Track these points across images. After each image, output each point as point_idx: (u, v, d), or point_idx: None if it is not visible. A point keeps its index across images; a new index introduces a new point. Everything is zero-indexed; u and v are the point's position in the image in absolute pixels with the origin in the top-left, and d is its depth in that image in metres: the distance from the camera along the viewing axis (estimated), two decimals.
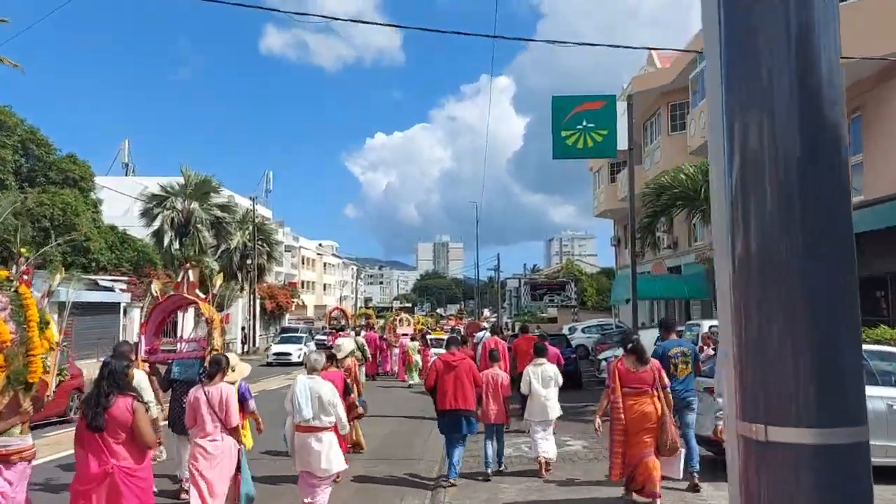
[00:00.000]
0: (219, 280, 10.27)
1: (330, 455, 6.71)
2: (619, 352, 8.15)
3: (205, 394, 6.29)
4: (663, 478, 7.23)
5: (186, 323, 19.21)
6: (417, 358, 22.90)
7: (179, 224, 39.33)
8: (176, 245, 39.66)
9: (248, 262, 41.31)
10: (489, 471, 8.69)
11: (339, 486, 8.17)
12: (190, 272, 9.71)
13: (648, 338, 17.49)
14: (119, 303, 27.26)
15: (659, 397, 7.13)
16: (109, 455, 4.66)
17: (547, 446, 8.78)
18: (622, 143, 12.94)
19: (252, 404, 7.36)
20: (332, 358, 8.81)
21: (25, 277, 5.14)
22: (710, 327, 13.04)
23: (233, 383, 6.83)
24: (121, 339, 28.39)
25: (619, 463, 7.14)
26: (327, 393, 6.73)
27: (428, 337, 25.58)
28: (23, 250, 5.50)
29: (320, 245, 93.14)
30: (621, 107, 13.06)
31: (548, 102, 12.82)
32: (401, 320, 28.99)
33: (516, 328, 38.27)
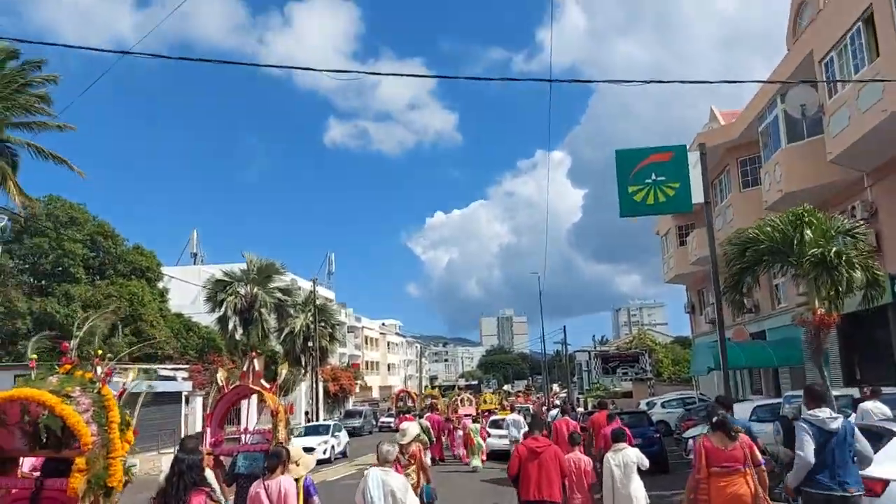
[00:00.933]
0: (284, 369, 10.09)
1: None
2: (706, 428, 7.33)
3: (265, 488, 6.16)
4: None
5: (251, 412, 18.70)
6: (479, 440, 22.13)
7: (242, 309, 39.41)
8: (240, 330, 39.63)
9: (311, 344, 40.78)
10: None
11: None
12: (255, 361, 9.55)
13: (744, 410, 15.76)
14: (181, 392, 26.86)
15: (752, 476, 6.59)
16: None
17: None
18: (696, 197, 11.82)
19: (317, 501, 7.07)
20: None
21: (107, 378, 5.12)
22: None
23: (298, 479, 6.68)
24: (183, 428, 28.11)
25: None
26: (401, 488, 6.41)
27: (491, 417, 24.34)
28: (99, 350, 5.47)
29: (383, 325, 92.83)
30: (692, 158, 12.00)
31: (603, 174, 11.92)
32: (462, 400, 27.74)
33: (588, 404, 36.30)
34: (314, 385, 40.45)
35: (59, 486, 4.65)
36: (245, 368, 9.69)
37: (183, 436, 7.75)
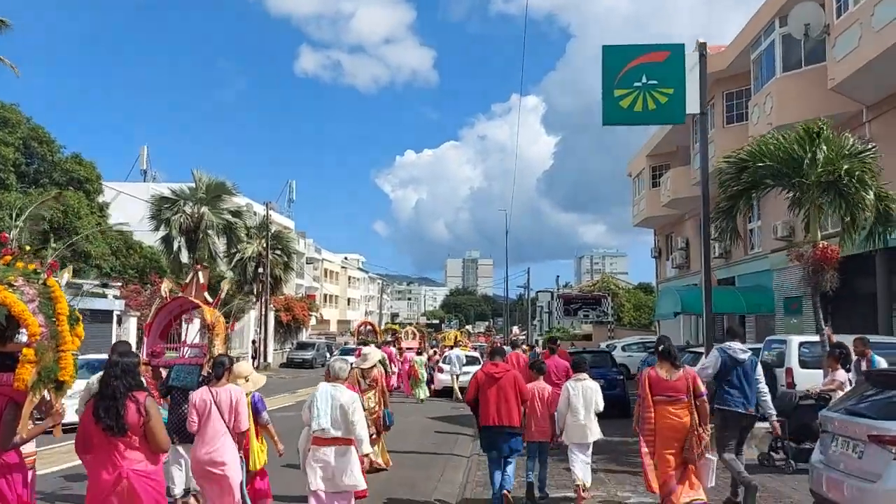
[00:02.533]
0: (227, 285, 9.81)
1: (350, 471, 6.15)
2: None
3: (213, 395, 5.97)
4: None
5: (192, 332, 17.24)
6: (423, 372, 21.90)
7: (189, 229, 37.00)
8: (185, 252, 37.38)
9: (261, 271, 38.82)
10: (536, 494, 8.11)
11: None
12: (200, 274, 9.29)
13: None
14: (112, 310, 24.80)
15: (693, 406, 6.76)
16: (122, 459, 4.38)
17: (583, 471, 7.89)
18: (690, 107, 10.11)
19: (266, 416, 6.97)
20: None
21: (52, 270, 4.84)
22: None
23: (246, 395, 6.54)
24: None
25: (652, 473, 6.80)
26: (349, 402, 6.20)
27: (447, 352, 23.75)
28: (27, 247, 5.25)
29: (345, 259, 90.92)
30: (689, 62, 10.22)
31: (576, 122, 10.18)
32: (405, 333, 26.85)
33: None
34: (264, 313, 38.61)
35: (6, 381, 4.39)
36: (188, 280, 9.39)
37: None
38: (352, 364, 8.92)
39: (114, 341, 25.07)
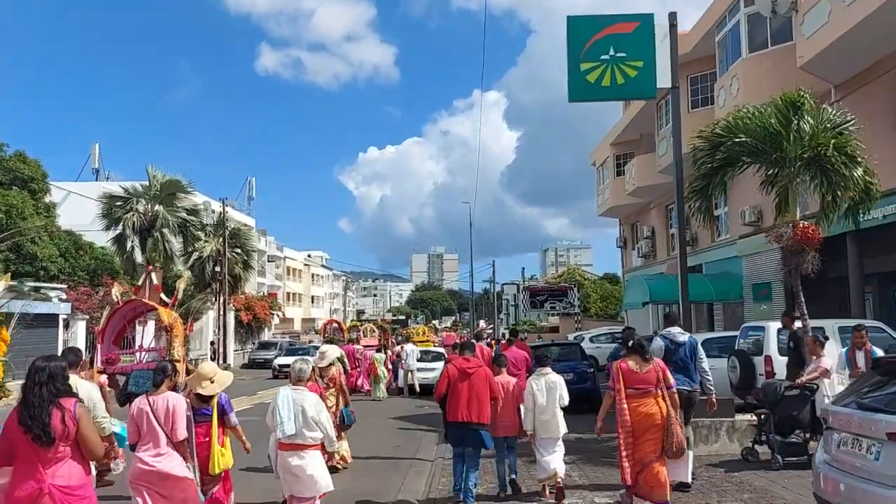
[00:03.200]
0: (184, 283, 9.73)
1: (315, 475, 6.18)
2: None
3: (150, 404, 5.77)
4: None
5: (147, 336, 16.41)
6: (383, 370, 21.62)
7: (142, 228, 35.60)
8: (139, 252, 35.94)
9: (217, 269, 37.55)
10: (506, 493, 7.95)
11: None
12: (153, 275, 9.06)
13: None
14: (57, 314, 23.48)
15: (664, 397, 6.84)
16: (44, 472, 4.03)
17: (556, 463, 7.70)
18: (661, 81, 9.50)
19: (233, 418, 6.74)
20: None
21: None
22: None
23: (212, 396, 6.45)
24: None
25: (629, 466, 6.76)
26: (312, 406, 6.20)
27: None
28: None
29: (309, 256, 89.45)
30: (659, 34, 9.60)
31: (538, 117, 9.59)
32: (365, 331, 27.43)
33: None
34: (222, 313, 37.36)
35: None
36: (141, 282, 9.13)
37: None
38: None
39: (60, 347, 23.82)
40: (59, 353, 23.73)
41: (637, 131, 29.28)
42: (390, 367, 23.50)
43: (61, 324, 23.87)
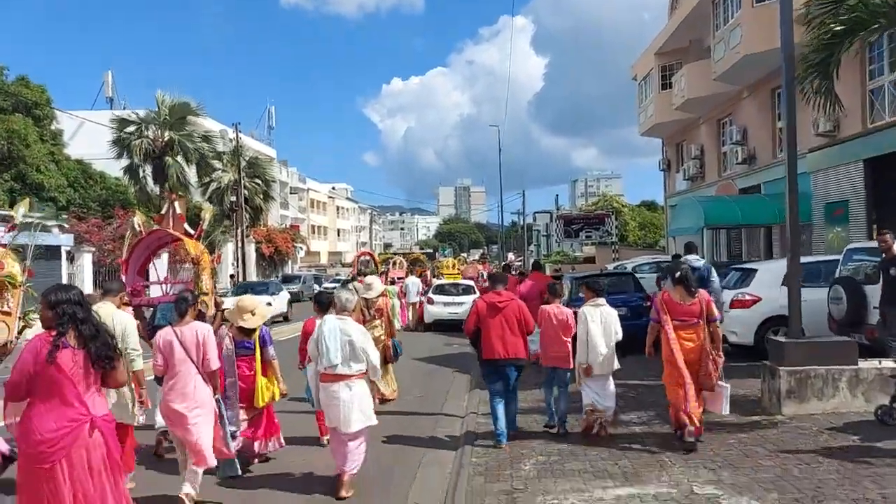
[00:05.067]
0: (208, 214, 9.33)
1: (363, 407, 5.90)
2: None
3: (177, 335, 5.61)
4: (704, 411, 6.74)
5: (161, 270, 15.17)
6: (395, 302, 19.55)
7: (154, 156, 33.79)
8: (152, 183, 34.28)
9: (234, 199, 35.79)
10: (556, 427, 7.44)
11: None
12: (176, 203, 8.66)
13: (772, 272, 11.74)
14: (59, 247, 21.87)
15: (705, 330, 6.70)
16: (86, 404, 3.75)
17: (608, 400, 7.22)
18: None
19: (271, 351, 6.71)
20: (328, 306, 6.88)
21: None
22: None
23: (253, 329, 6.56)
24: None
25: (682, 397, 6.50)
26: (359, 337, 5.95)
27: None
28: None
29: (333, 188, 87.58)
30: None
31: (567, 42, 7.38)
32: (394, 263, 27.06)
33: (546, 271, 32.78)
34: (241, 245, 35.76)
35: None
36: (164, 211, 8.73)
37: None
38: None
39: (64, 281, 22.39)
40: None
41: (686, 37, 26.29)
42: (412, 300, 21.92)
43: (64, 256, 22.28)
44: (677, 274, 6.89)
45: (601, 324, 7.15)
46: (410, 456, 7.01)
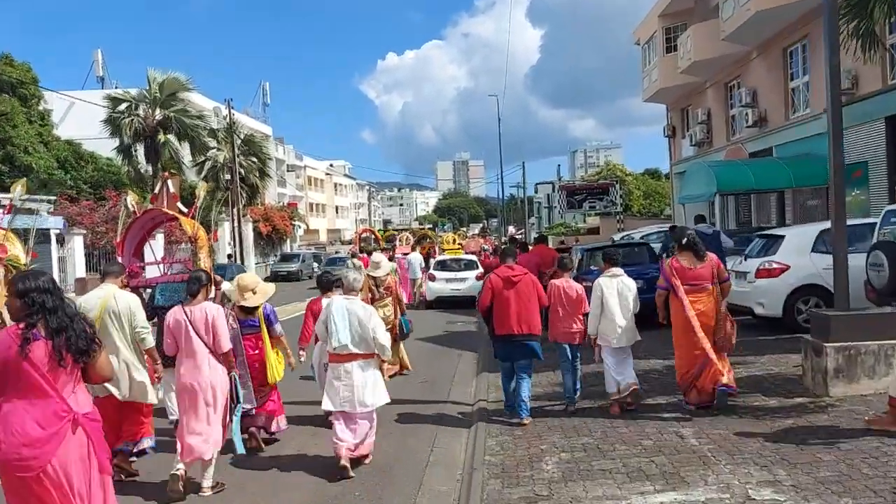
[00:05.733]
0: (203, 192, 9.01)
1: (375, 386, 5.92)
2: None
3: (186, 314, 5.55)
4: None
5: (157, 251, 14.56)
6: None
7: (146, 135, 32.92)
8: (143, 161, 33.42)
9: (227, 177, 34.96)
10: (572, 405, 7.20)
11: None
12: (169, 182, 8.57)
13: (801, 237, 11.01)
14: (48, 229, 21.06)
15: (717, 293, 6.75)
16: (68, 401, 3.38)
17: (629, 375, 6.92)
18: None
19: (279, 328, 6.73)
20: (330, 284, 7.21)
21: None
22: None
23: (257, 307, 6.52)
24: (57, 275, 22.86)
25: (684, 365, 6.77)
26: (367, 316, 5.87)
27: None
28: None
29: (331, 165, 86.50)
30: None
31: (563, 13, 6.85)
32: (401, 239, 26.85)
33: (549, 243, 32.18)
34: (237, 224, 34.99)
35: None
36: (157, 190, 8.66)
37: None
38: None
39: (56, 265, 21.64)
40: (55, 271, 21.71)
41: None
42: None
43: (54, 240, 21.50)
44: (684, 240, 6.94)
45: (618, 295, 6.95)
46: (415, 454, 6.35)
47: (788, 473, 4.80)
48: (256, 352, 6.46)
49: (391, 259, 21.08)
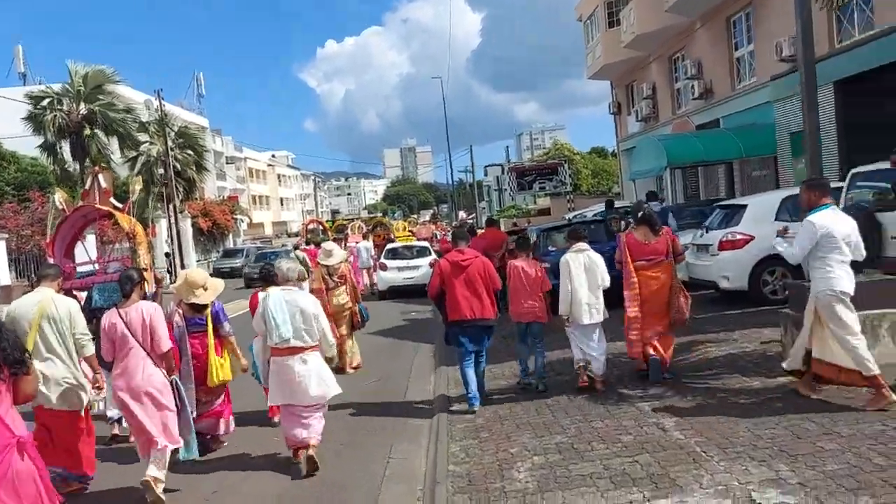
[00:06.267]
0: (138, 185, 8.69)
1: (322, 377, 5.69)
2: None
3: (122, 317, 5.29)
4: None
5: (90, 251, 13.65)
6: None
7: (70, 131, 31.09)
8: (70, 159, 31.62)
9: (161, 172, 33.37)
10: (543, 385, 7.01)
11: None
12: (101, 177, 8.25)
13: (764, 205, 10.62)
14: None
15: (673, 267, 6.83)
16: (3, 425, 2.99)
17: (597, 351, 6.80)
18: None
19: (227, 327, 6.37)
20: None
21: None
22: None
23: (206, 305, 6.22)
24: None
25: (639, 339, 6.75)
26: (309, 306, 5.69)
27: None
28: None
29: (273, 156, 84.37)
30: None
31: None
32: (353, 228, 26.22)
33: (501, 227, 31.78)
34: (174, 221, 33.48)
35: None
36: (88, 186, 8.41)
37: None
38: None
39: None
40: None
41: None
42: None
43: None
44: (640, 214, 6.92)
45: (585, 271, 6.80)
46: (370, 466, 5.66)
47: (791, 468, 4.24)
48: (203, 351, 6.19)
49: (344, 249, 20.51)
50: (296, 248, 20.24)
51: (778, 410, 5.40)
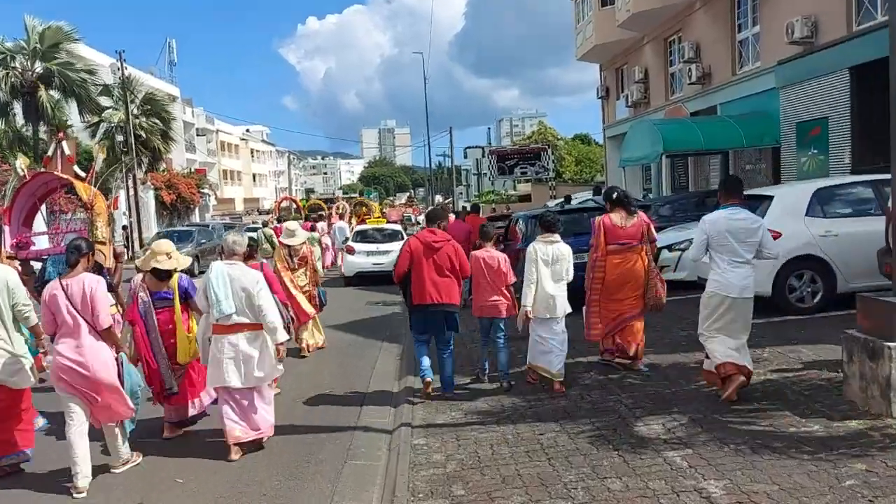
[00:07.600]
0: (101, 154, 8.56)
1: (263, 359, 5.41)
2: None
3: (62, 288, 5.00)
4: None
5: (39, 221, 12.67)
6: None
7: (24, 91, 29.07)
8: (22, 121, 29.66)
9: (121, 139, 31.44)
10: (506, 381, 6.65)
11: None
12: (64, 144, 8.04)
13: (796, 196, 9.28)
14: None
15: (647, 252, 6.80)
16: None
17: (560, 344, 6.48)
18: None
19: (198, 301, 5.87)
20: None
21: None
22: None
23: (168, 277, 5.87)
24: None
25: (598, 322, 6.85)
26: (252, 283, 5.37)
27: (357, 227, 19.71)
28: None
29: (247, 131, 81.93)
30: None
31: None
32: (338, 208, 25.88)
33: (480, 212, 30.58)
34: (134, 192, 31.56)
35: None
36: (51, 153, 8.14)
37: None
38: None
39: None
40: None
41: None
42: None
43: None
44: (614, 195, 6.88)
45: (552, 262, 6.47)
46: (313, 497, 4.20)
47: None
48: (171, 326, 5.83)
49: (312, 229, 19.08)
50: (265, 224, 18.82)
51: (859, 474, 3.95)
